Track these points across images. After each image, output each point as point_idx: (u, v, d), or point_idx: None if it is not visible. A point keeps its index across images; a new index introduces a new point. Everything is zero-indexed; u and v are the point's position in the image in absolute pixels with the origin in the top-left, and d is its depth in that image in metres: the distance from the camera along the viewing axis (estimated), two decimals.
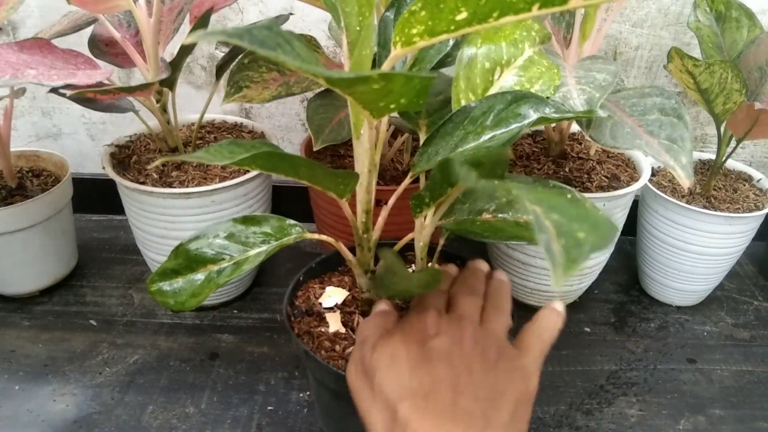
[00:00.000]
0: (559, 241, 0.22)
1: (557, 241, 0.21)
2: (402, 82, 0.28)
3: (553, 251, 0.21)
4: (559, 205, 0.25)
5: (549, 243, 0.21)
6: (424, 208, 0.42)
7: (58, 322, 0.71)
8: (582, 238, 0.22)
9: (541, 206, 0.24)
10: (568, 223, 0.23)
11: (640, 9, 0.80)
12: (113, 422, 0.58)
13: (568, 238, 0.22)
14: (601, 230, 0.23)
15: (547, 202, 0.25)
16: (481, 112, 0.42)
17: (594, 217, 0.24)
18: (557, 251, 0.21)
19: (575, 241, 0.22)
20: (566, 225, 0.23)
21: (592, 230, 0.23)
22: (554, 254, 0.21)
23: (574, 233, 0.22)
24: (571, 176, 0.68)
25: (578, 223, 0.23)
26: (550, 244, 0.21)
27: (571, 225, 0.23)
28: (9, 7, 0.61)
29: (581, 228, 0.23)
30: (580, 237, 0.22)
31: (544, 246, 0.21)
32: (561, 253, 0.21)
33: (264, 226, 0.44)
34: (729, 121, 0.68)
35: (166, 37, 0.63)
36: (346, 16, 0.36)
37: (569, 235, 0.22)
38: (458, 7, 0.27)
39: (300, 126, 0.90)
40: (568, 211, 0.24)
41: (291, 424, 0.59)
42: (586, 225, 0.23)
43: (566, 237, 0.22)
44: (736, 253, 0.73)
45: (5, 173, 0.71)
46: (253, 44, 0.24)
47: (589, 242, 0.22)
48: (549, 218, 0.23)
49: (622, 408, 0.62)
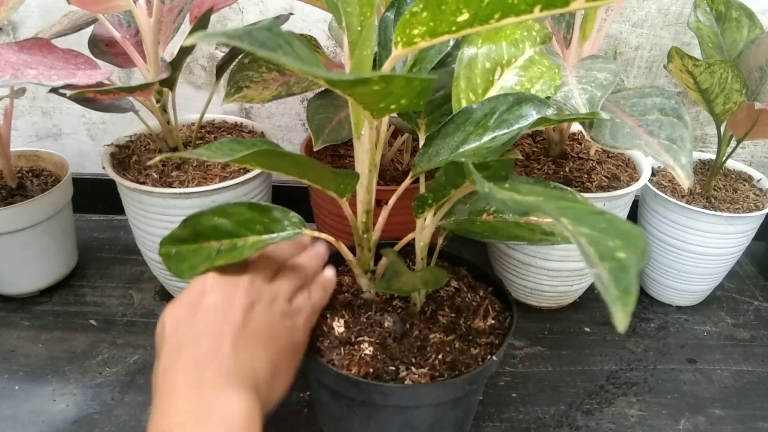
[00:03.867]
0: (604, 266, 0.20)
1: (602, 267, 0.20)
2: (402, 84, 0.28)
3: (605, 283, 0.20)
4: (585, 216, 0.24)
5: (600, 276, 0.20)
6: (427, 209, 0.42)
7: (58, 322, 0.71)
8: (623, 258, 0.21)
9: (568, 217, 0.23)
10: (602, 239, 0.22)
11: (640, 9, 0.80)
12: (113, 422, 0.58)
13: (612, 262, 0.21)
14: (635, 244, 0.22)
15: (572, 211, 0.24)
16: (482, 113, 0.42)
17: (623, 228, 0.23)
18: (607, 281, 0.20)
19: (619, 265, 0.21)
20: (602, 243, 0.22)
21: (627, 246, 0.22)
22: (607, 287, 0.20)
23: (613, 254, 0.21)
24: (571, 176, 0.68)
25: (612, 240, 0.22)
26: (601, 276, 0.20)
27: (606, 243, 0.22)
28: (9, 7, 0.61)
29: (616, 245, 0.22)
30: (621, 258, 0.21)
31: (596, 281, 0.20)
32: (611, 283, 0.20)
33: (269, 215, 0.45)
34: (729, 121, 0.68)
35: (166, 37, 0.63)
36: (347, 16, 0.36)
37: (610, 257, 0.21)
38: (460, 9, 0.27)
39: (300, 126, 0.90)
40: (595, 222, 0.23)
41: (291, 424, 0.59)
42: (619, 240, 0.22)
43: (609, 260, 0.21)
44: (736, 253, 0.73)
45: (5, 173, 0.71)
46: (253, 46, 0.24)
47: (633, 262, 0.21)
48: (582, 234, 0.22)
49: (622, 408, 0.62)
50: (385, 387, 0.43)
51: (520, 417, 0.60)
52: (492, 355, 0.46)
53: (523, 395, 0.63)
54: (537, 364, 0.67)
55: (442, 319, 0.50)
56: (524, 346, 0.70)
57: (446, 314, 0.50)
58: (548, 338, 0.71)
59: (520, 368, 0.67)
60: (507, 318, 0.51)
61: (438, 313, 0.50)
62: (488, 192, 0.28)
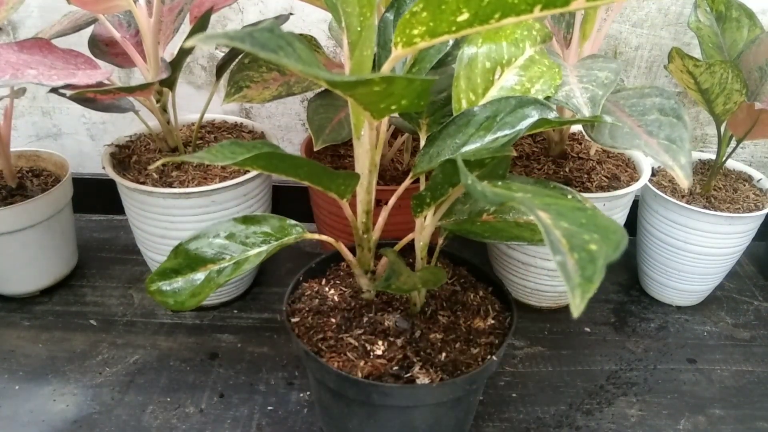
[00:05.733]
0: (573, 256, 0.21)
1: (571, 257, 0.21)
2: (403, 84, 0.28)
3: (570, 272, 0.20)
4: (567, 211, 0.24)
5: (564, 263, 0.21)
6: (425, 208, 0.42)
7: (58, 322, 0.71)
8: (594, 250, 0.22)
9: (549, 212, 0.24)
10: (578, 233, 0.22)
11: (640, 9, 0.80)
12: (113, 422, 0.58)
13: (581, 252, 0.21)
14: (611, 238, 0.22)
15: (555, 207, 0.25)
16: (485, 116, 0.42)
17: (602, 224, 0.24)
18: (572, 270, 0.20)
19: (589, 255, 0.21)
20: (577, 235, 0.22)
21: (602, 239, 0.22)
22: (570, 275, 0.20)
23: (586, 246, 0.22)
24: (571, 176, 0.68)
25: (588, 233, 0.23)
26: (565, 264, 0.21)
27: (582, 236, 0.22)
28: (9, 7, 0.61)
29: (592, 238, 0.22)
30: (592, 249, 0.22)
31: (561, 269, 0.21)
32: (576, 271, 0.20)
33: (264, 225, 0.44)
34: (729, 121, 0.68)
35: (166, 37, 0.63)
36: (347, 16, 0.36)
37: (582, 249, 0.21)
38: (460, 8, 0.27)
39: (300, 126, 0.90)
40: (576, 217, 0.24)
41: (291, 424, 0.59)
42: (596, 234, 0.22)
43: (579, 251, 0.21)
44: (736, 253, 0.73)
45: (5, 173, 0.71)
46: (254, 47, 0.24)
47: (603, 254, 0.21)
48: (559, 227, 0.23)
49: (622, 408, 0.62)
50: (385, 387, 0.43)
51: (520, 417, 0.60)
52: (492, 355, 0.46)
53: (523, 395, 0.63)
54: (537, 364, 0.67)
55: (442, 319, 0.50)
56: (524, 346, 0.70)
57: (446, 314, 0.50)
58: (548, 338, 0.71)
59: (520, 368, 0.67)
60: (507, 318, 0.51)
61: (438, 313, 0.50)
62: (470, 184, 0.28)
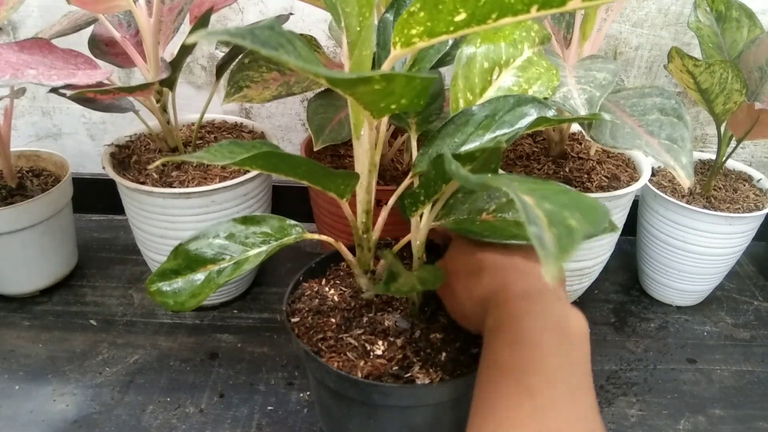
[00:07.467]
0: (551, 230, 0.21)
1: (549, 231, 0.21)
2: (403, 82, 0.28)
3: (545, 242, 0.21)
4: (552, 195, 0.25)
5: (541, 235, 0.21)
6: (420, 206, 0.42)
7: (58, 322, 0.71)
8: (574, 226, 0.22)
9: (533, 196, 0.24)
10: (559, 211, 0.23)
11: (640, 9, 0.80)
12: (113, 422, 0.58)
13: (560, 227, 0.22)
14: (592, 216, 0.23)
15: (540, 192, 0.25)
16: (483, 115, 0.42)
17: (585, 203, 0.24)
18: (549, 242, 0.21)
19: (567, 230, 0.22)
20: (558, 213, 0.23)
21: (583, 217, 0.23)
22: (546, 245, 0.21)
23: (565, 221, 0.22)
24: (571, 176, 0.68)
25: (569, 211, 0.23)
26: (542, 236, 0.21)
27: (562, 213, 0.23)
28: (9, 7, 0.61)
29: (572, 216, 0.23)
30: (571, 225, 0.22)
31: (536, 239, 0.21)
32: (553, 243, 0.21)
33: (264, 226, 0.44)
34: (729, 121, 0.68)
35: (166, 37, 0.63)
36: (346, 16, 0.36)
37: (561, 224, 0.22)
38: (457, 9, 0.27)
39: (300, 126, 0.90)
40: (560, 199, 0.24)
41: (291, 424, 0.59)
42: (578, 212, 0.23)
43: (558, 226, 0.22)
44: (736, 253, 0.73)
45: (5, 173, 0.71)
46: (255, 44, 0.24)
47: (582, 230, 0.22)
48: (541, 208, 0.23)
49: (622, 408, 0.62)
50: (385, 387, 0.43)
51: None
52: None
53: None
54: None
55: (442, 319, 0.50)
56: None
57: (446, 314, 0.50)
58: None
59: None
60: None
61: (438, 313, 0.50)
62: (454, 170, 0.29)
